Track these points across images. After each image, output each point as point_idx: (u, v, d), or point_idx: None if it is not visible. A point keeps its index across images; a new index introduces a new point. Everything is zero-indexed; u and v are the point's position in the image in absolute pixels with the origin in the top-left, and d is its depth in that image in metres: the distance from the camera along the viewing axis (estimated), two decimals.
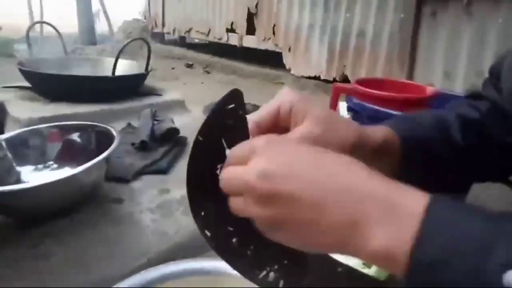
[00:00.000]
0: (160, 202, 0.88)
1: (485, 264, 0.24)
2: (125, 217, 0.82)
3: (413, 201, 0.27)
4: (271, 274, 0.39)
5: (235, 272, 0.60)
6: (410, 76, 2.35)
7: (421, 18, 2.20)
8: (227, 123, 0.39)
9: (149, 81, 1.55)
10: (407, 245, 0.26)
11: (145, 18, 6.21)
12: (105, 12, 7.83)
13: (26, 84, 1.35)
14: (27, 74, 1.30)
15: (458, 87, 2.06)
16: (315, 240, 0.31)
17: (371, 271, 0.57)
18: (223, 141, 0.38)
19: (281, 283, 0.39)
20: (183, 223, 0.81)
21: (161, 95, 1.48)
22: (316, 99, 2.56)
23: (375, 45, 2.57)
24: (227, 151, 0.38)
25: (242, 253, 0.39)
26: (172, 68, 3.40)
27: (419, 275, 0.26)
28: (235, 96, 0.39)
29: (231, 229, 0.39)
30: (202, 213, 0.39)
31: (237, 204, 0.34)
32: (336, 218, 0.29)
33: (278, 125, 0.41)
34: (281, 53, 3.15)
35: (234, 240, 0.39)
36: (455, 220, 0.26)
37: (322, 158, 0.32)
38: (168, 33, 4.97)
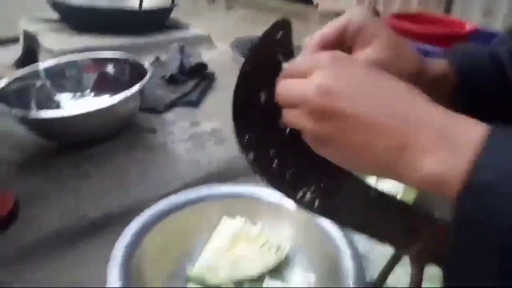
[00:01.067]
0: (192, 133, 0.92)
1: None
2: (159, 146, 0.87)
3: (471, 130, 0.27)
4: (308, 195, 0.42)
5: (266, 196, 0.65)
6: (447, 11, 2.22)
7: None
8: (273, 54, 0.40)
9: (173, 16, 1.53)
10: (461, 169, 0.26)
11: None
12: None
13: (55, 15, 1.35)
14: (56, 6, 1.30)
15: (497, 26, 1.95)
16: (362, 160, 0.32)
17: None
18: (269, 70, 0.40)
19: (316, 203, 0.42)
20: (215, 154, 0.85)
21: (187, 28, 1.47)
22: None
23: None
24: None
25: (281, 174, 0.41)
26: (194, 3, 3.32)
27: (471, 198, 0.25)
28: (282, 25, 0.40)
29: (272, 152, 0.41)
30: (246, 137, 0.41)
31: (290, 116, 0.34)
32: (387, 141, 0.29)
33: (343, 44, 0.39)
34: None
35: (275, 162, 0.41)
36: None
37: (385, 82, 0.31)
38: None
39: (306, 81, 0.33)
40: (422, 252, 0.41)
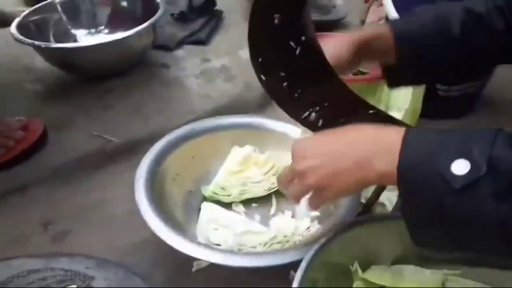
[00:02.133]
0: (202, 69, 0.96)
1: (439, 158, 0.33)
2: (172, 80, 0.92)
3: (396, 136, 0.37)
4: (313, 115, 0.47)
5: (272, 127, 0.71)
6: None
7: None
8: None
9: None
10: (395, 164, 0.36)
11: None
12: None
13: None
14: None
15: None
16: (346, 181, 0.42)
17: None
18: None
19: (320, 122, 0.48)
20: (224, 89, 0.91)
21: None
22: None
23: None
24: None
25: (290, 95, 0.46)
26: None
27: (404, 180, 0.36)
28: None
29: (282, 74, 0.45)
30: (260, 59, 0.45)
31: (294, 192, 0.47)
32: (356, 160, 0.40)
33: None
34: None
35: (284, 84, 0.46)
36: (420, 140, 0.36)
37: (338, 137, 0.42)
38: None
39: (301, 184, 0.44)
40: None
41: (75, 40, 0.93)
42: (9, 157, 0.70)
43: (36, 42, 0.77)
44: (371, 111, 0.46)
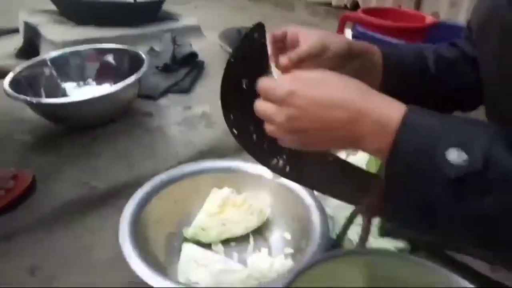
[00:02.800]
0: (185, 117, 1.02)
1: (434, 145, 0.35)
2: (156, 128, 0.97)
3: (394, 112, 0.38)
4: (281, 162, 0.53)
5: (249, 170, 0.76)
6: (418, 3, 2.36)
7: None
8: (252, 48, 0.50)
9: (164, 7, 1.62)
10: (388, 143, 0.37)
11: None
12: None
13: (52, 8, 1.43)
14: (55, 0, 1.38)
15: (462, 17, 2.09)
16: (325, 147, 0.46)
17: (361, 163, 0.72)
18: (249, 63, 0.50)
19: (287, 168, 0.53)
20: (205, 134, 0.96)
21: (178, 19, 1.56)
22: (326, 25, 2.59)
23: None
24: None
25: (259, 146, 0.52)
26: None
27: (395, 161, 0.37)
28: (259, 28, 0.50)
29: (252, 128, 0.51)
30: (231, 116, 0.51)
31: (272, 131, 0.46)
32: (339, 133, 0.40)
33: (288, 43, 0.53)
34: None
35: (254, 136, 0.52)
36: (419, 123, 0.37)
37: (329, 93, 0.41)
38: None
39: (278, 111, 0.43)
40: (369, 207, 0.53)
41: (64, 93, 0.99)
42: None
43: (28, 98, 0.83)
44: (330, 158, 0.52)
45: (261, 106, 0.45)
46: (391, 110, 0.39)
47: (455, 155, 0.34)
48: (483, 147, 0.34)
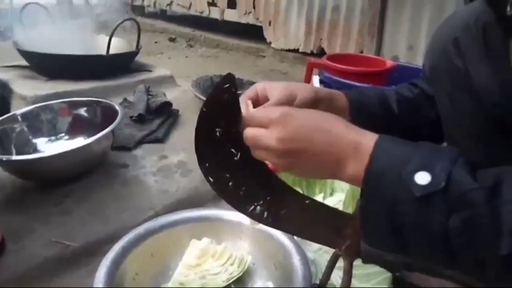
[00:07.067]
0: (160, 166, 1.02)
1: (403, 169, 0.38)
2: (131, 179, 0.96)
3: (369, 138, 0.42)
4: (258, 208, 0.53)
5: (228, 217, 0.75)
6: (379, 48, 2.49)
7: None
8: (224, 98, 0.52)
9: (137, 58, 1.65)
10: (363, 169, 0.41)
11: None
12: None
13: (24, 63, 1.43)
14: (25, 54, 1.38)
15: (420, 59, 2.22)
16: (315, 173, 0.47)
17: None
18: (221, 112, 0.51)
19: (265, 214, 0.53)
20: (182, 183, 0.96)
21: (151, 71, 1.58)
22: (295, 70, 2.69)
23: (348, 19, 2.68)
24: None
25: (236, 193, 0.52)
26: (155, 42, 3.44)
27: (369, 185, 0.40)
28: (229, 78, 0.52)
29: (228, 175, 0.52)
30: (207, 164, 0.52)
31: (261, 155, 0.48)
32: (323, 157, 0.44)
33: (259, 99, 0.56)
34: (262, 26, 3.23)
35: (230, 183, 0.52)
36: (390, 148, 0.41)
37: (320, 120, 0.46)
38: (149, 6, 4.94)
39: (268, 133, 0.46)
40: (348, 249, 0.53)
41: (36, 149, 0.97)
42: None
43: None
44: (307, 201, 0.52)
45: (251, 131, 0.48)
46: (366, 137, 0.43)
47: (421, 176, 0.37)
48: (445, 167, 0.37)
